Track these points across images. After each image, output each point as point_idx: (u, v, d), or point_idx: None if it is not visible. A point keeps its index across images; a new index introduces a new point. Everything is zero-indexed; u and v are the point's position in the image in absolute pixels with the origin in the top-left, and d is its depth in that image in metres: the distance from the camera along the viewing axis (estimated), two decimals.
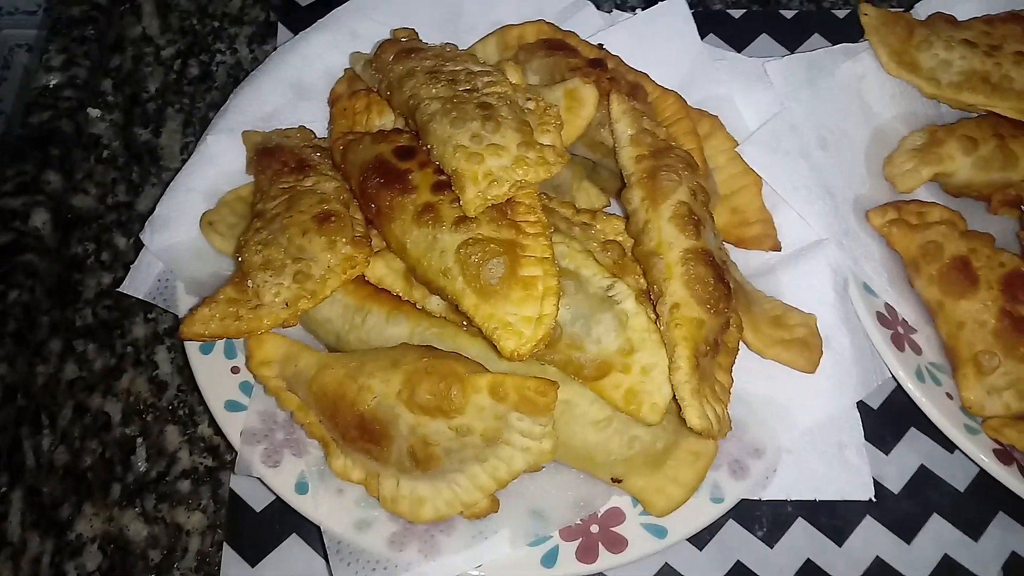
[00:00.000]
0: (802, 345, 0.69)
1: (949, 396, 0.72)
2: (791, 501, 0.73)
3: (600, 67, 0.78)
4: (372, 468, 0.63)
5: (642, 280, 0.67)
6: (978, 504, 0.75)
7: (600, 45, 0.82)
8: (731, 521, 0.72)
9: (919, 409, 0.71)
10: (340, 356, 0.64)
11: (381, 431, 0.60)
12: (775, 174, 0.79)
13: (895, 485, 0.76)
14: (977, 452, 0.69)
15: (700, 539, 0.71)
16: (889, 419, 0.78)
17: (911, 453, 0.77)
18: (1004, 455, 0.69)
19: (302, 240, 0.65)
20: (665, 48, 0.86)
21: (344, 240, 0.65)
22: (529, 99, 0.69)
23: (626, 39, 0.86)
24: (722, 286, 0.63)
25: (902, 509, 0.74)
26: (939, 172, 0.80)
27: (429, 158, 0.65)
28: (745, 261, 0.79)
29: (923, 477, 0.76)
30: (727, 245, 0.78)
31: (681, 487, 0.64)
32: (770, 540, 0.72)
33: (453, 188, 0.61)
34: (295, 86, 0.84)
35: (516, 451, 0.60)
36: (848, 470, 0.69)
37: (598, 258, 0.68)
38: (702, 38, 0.88)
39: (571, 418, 0.64)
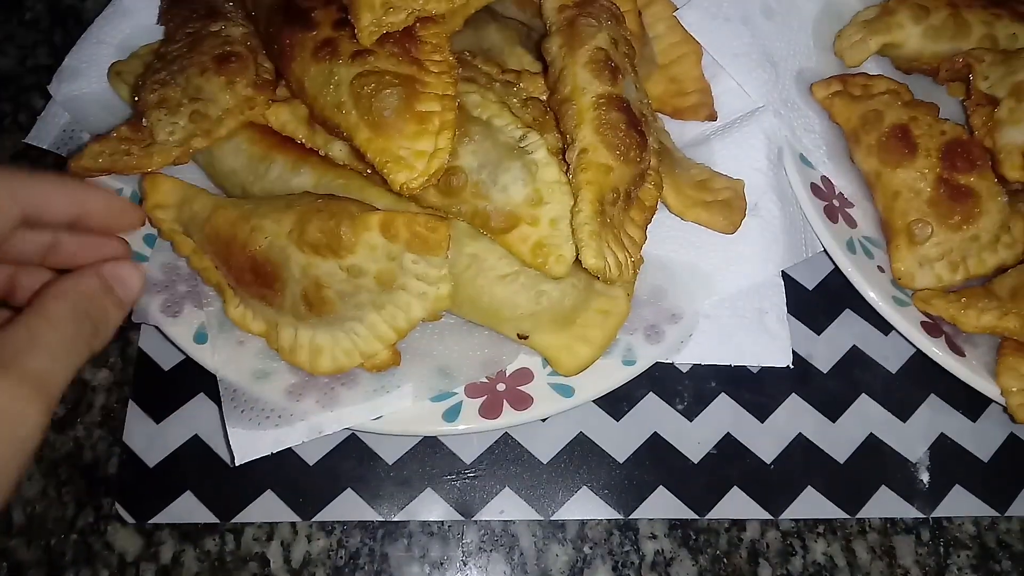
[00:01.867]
0: (724, 206, 0.66)
1: (881, 270, 0.70)
2: (715, 376, 0.71)
3: None
4: (270, 317, 0.60)
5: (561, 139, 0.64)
6: (909, 386, 0.73)
7: None
8: (651, 394, 0.71)
9: (854, 290, 0.69)
10: (236, 200, 0.62)
11: (273, 273, 0.58)
12: (714, 41, 0.75)
13: (824, 365, 0.74)
14: (904, 324, 0.66)
15: (617, 409, 0.70)
16: (823, 300, 0.76)
17: (844, 334, 0.75)
18: (933, 328, 0.67)
19: (200, 79, 0.62)
20: None
21: (244, 82, 0.62)
22: None
23: None
24: (635, 134, 0.60)
25: (829, 388, 0.72)
26: (888, 42, 0.76)
27: None
28: (681, 132, 0.75)
29: (854, 358, 0.74)
30: (663, 117, 0.76)
31: (589, 346, 0.62)
32: (690, 414, 0.70)
33: (350, 18, 0.58)
34: None
35: (413, 297, 0.58)
36: (768, 336, 0.66)
37: (519, 112, 0.65)
38: None
39: (478, 272, 0.61)
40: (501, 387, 0.63)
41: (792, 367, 0.68)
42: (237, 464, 0.58)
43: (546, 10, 0.67)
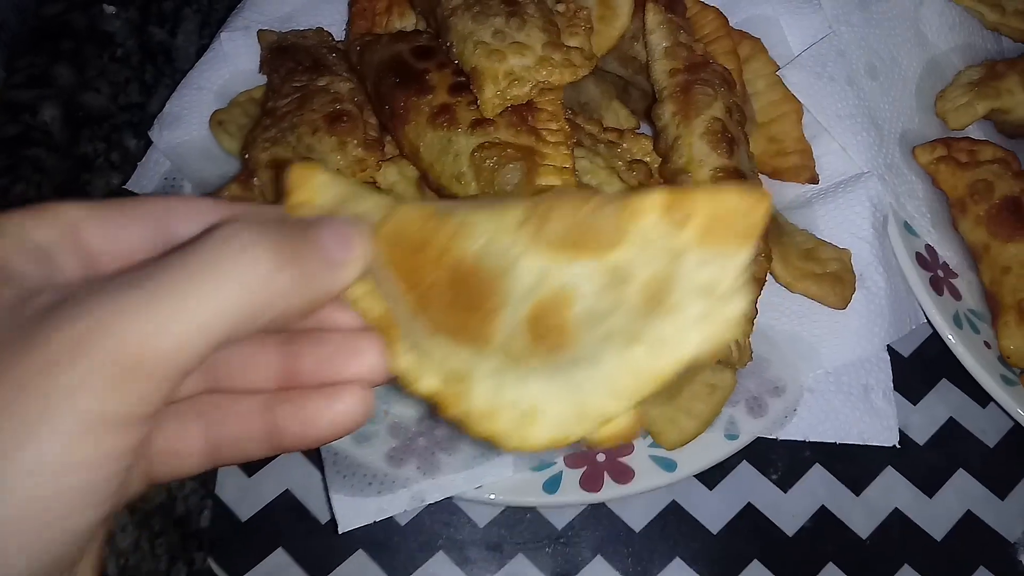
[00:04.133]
0: (834, 280, 0.65)
1: (987, 345, 0.68)
2: (809, 445, 0.69)
3: None
4: (460, 365, 0.37)
5: None
6: (1008, 461, 0.71)
7: None
8: (745, 462, 0.69)
9: (952, 360, 0.67)
10: (424, 201, 0.50)
11: (487, 288, 0.36)
12: (818, 101, 0.73)
13: (921, 437, 0.72)
14: (1012, 404, 0.65)
15: (711, 478, 0.69)
16: (920, 368, 0.74)
17: (940, 405, 0.73)
18: None
19: (312, 139, 0.61)
20: None
21: (355, 142, 0.62)
22: (560, 1, 0.64)
23: None
24: None
25: (926, 462, 0.71)
26: (996, 108, 0.74)
27: (448, 59, 0.61)
28: (781, 193, 0.74)
29: (951, 430, 0.72)
30: (763, 177, 0.74)
31: (694, 420, 0.61)
32: (784, 484, 0.69)
33: (472, 88, 0.57)
34: None
35: (688, 323, 0.33)
36: (873, 414, 0.65)
37: (623, 177, 0.64)
38: None
39: None
40: (601, 458, 0.62)
41: None
42: (341, 532, 0.58)
43: (656, 73, 0.66)
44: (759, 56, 0.77)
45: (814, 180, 0.73)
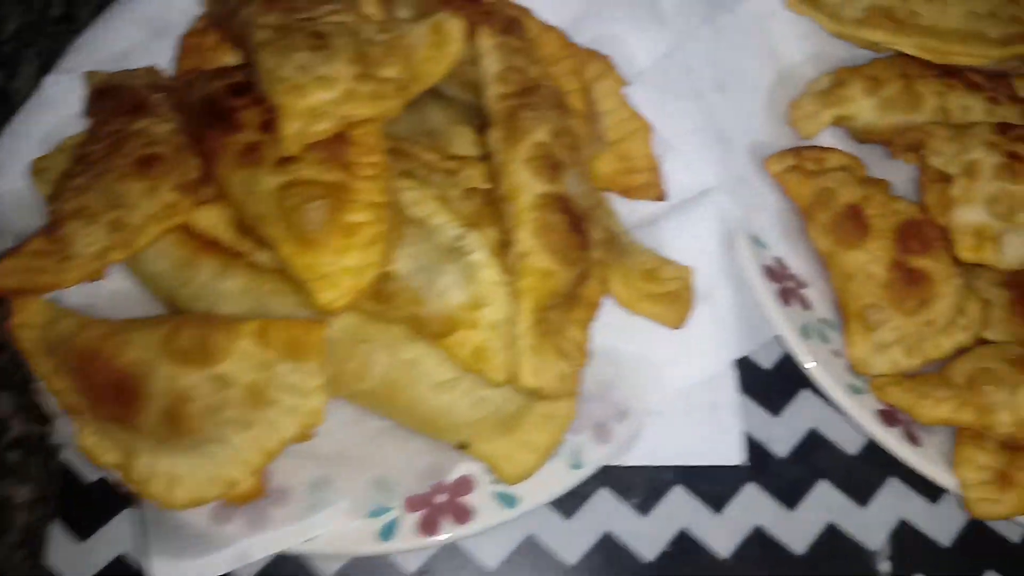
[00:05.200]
0: (671, 299, 0.64)
1: (838, 354, 0.68)
2: (671, 467, 0.69)
3: (474, 0, 0.72)
4: (128, 444, 0.55)
5: None
6: (869, 469, 0.70)
7: None
8: (603, 489, 0.68)
9: None
10: (109, 320, 0.59)
11: (135, 388, 0.54)
12: (664, 118, 0.73)
13: (783, 449, 0.71)
14: (859, 413, 0.65)
15: (568, 507, 0.67)
16: (781, 380, 0.73)
17: (802, 416, 0.72)
18: (889, 416, 0.65)
19: (120, 186, 0.59)
20: None
21: (168, 186, 0.59)
22: (382, 32, 0.63)
23: None
24: (577, 236, 0.58)
25: (788, 474, 0.70)
26: (841, 115, 0.74)
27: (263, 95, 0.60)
28: (631, 212, 0.73)
29: (813, 440, 0.71)
30: (612, 195, 0.74)
31: (534, 452, 0.60)
32: (645, 508, 0.68)
33: None
34: (152, 23, 0.77)
35: (283, 413, 0.54)
36: (720, 433, 0.64)
37: (458, 206, 0.63)
38: None
39: (414, 379, 0.59)
40: (442, 498, 0.60)
41: (748, 453, 0.66)
42: None
43: (487, 98, 0.65)
44: (608, 75, 0.76)
45: (661, 197, 0.73)
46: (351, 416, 0.62)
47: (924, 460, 0.63)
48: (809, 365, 0.66)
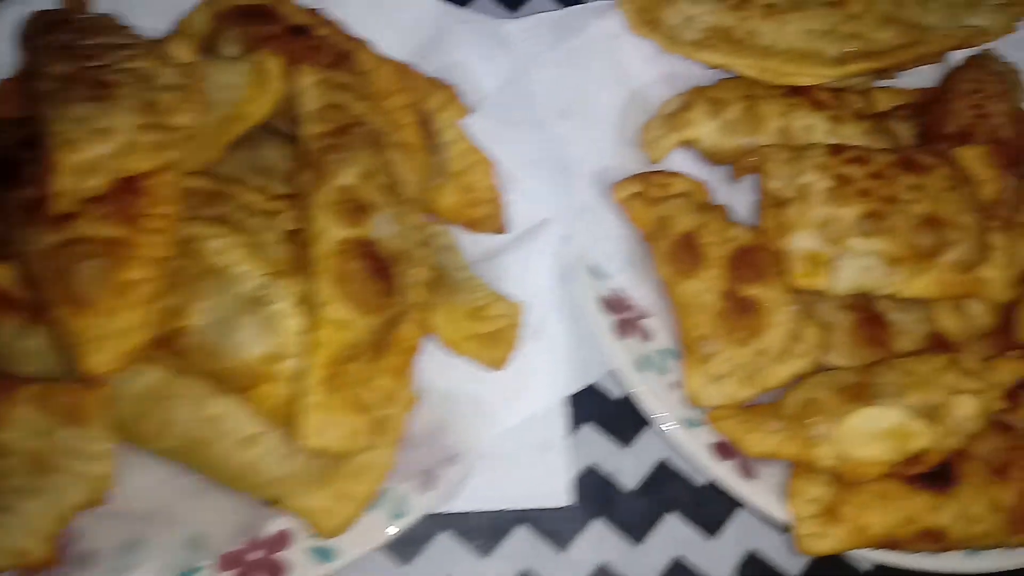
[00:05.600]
0: (494, 339, 0.63)
1: (677, 386, 0.66)
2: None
3: (302, 35, 0.70)
4: None
5: None
6: (718, 501, 0.69)
7: (314, 10, 0.74)
8: (443, 532, 0.66)
9: None
10: None
11: None
12: (504, 148, 0.71)
13: (631, 481, 0.70)
14: (692, 447, 0.63)
15: (406, 551, 0.65)
16: (631, 410, 0.71)
17: (652, 447, 0.71)
18: (725, 449, 0.64)
19: None
20: (404, 10, 0.79)
21: None
22: (182, 76, 0.61)
23: (357, 3, 0.78)
24: (380, 282, 0.57)
25: (635, 508, 0.69)
26: (686, 138, 0.73)
27: None
28: (476, 245, 0.72)
29: (662, 472, 0.70)
30: (457, 229, 0.72)
31: (350, 504, 0.58)
32: (485, 550, 0.66)
33: None
34: None
35: (70, 480, 0.53)
36: (549, 473, 0.63)
37: (272, 252, 0.61)
38: None
39: (219, 435, 0.57)
40: (256, 555, 0.58)
41: (595, 487, 0.65)
42: None
43: (302, 138, 0.63)
44: (451, 105, 0.75)
45: (501, 230, 0.71)
46: (166, 474, 0.60)
47: (758, 494, 0.62)
48: (641, 399, 0.65)
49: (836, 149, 0.66)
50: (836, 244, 0.64)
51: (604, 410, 0.71)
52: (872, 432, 0.58)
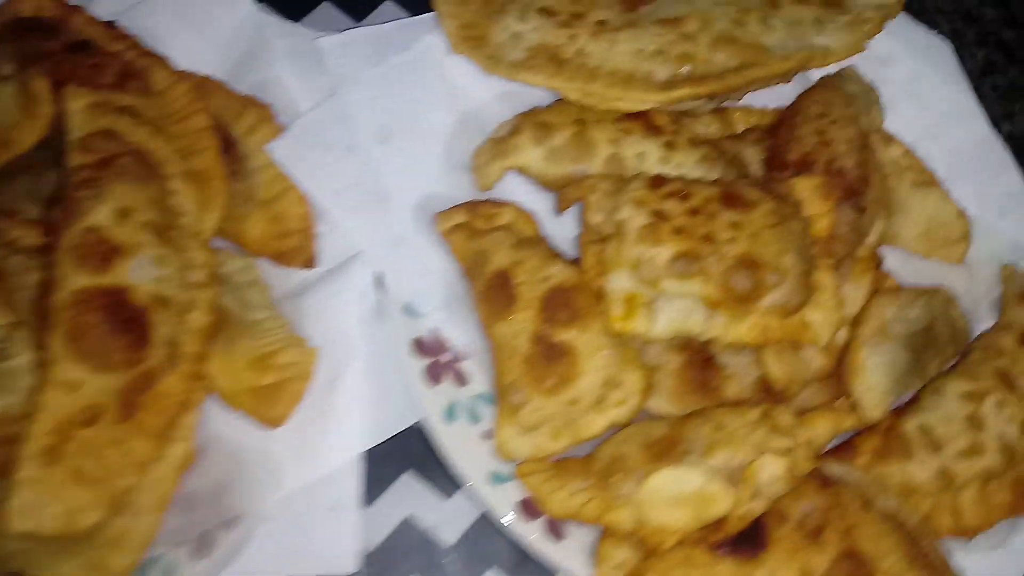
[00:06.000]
0: (275, 392, 0.58)
1: (490, 435, 0.62)
2: None
3: (83, 51, 0.64)
4: None
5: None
6: None
7: (111, 23, 0.68)
8: None
9: None
10: None
11: None
12: (311, 175, 0.66)
13: (452, 535, 0.65)
14: (497, 503, 0.59)
15: None
16: None
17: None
18: (531, 507, 0.60)
19: None
20: (220, 21, 0.73)
21: None
22: None
23: (167, 13, 0.72)
24: (128, 335, 0.51)
25: (454, 564, 0.64)
26: (513, 165, 0.68)
27: None
28: (285, 280, 0.67)
29: (484, 525, 0.66)
30: (264, 262, 0.67)
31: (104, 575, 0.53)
32: None
33: None
34: None
35: None
36: (335, 538, 0.58)
37: (24, 296, 0.55)
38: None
39: None
40: None
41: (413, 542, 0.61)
42: None
43: (63, 170, 0.57)
44: (264, 125, 0.69)
45: (309, 264, 0.66)
46: None
47: (564, 556, 0.58)
48: (446, 450, 0.60)
49: (656, 182, 0.61)
50: (651, 286, 0.59)
51: (427, 455, 0.66)
52: (672, 496, 0.54)
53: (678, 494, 0.54)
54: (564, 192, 0.65)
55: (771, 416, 0.56)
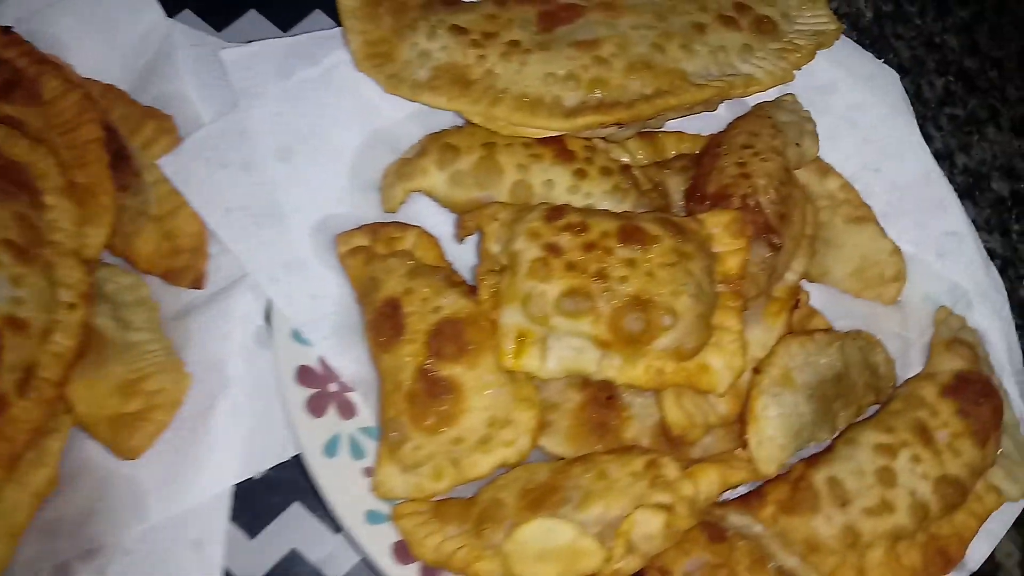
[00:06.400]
0: (137, 421, 0.55)
1: (371, 472, 0.59)
2: None
3: None
4: None
5: None
6: None
7: (7, 28, 0.66)
8: None
9: None
10: None
11: None
12: (201, 192, 0.63)
13: (339, 571, 0.63)
14: (372, 546, 0.56)
15: None
16: None
17: None
18: (405, 551, 0.57)
19: None
20: (127, 28, 0.70)
21: None
22: None
23: (73, 19, 0.69)
24: None
25: None
26: (418, 188, 0.65)
27: None
28: (175, 300, 0.64)
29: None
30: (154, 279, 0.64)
31: None
32: None
33: None
34: None
35: None
36: (198, 574, 0.56)
37: None
38: (175, 13, 0.72)
39: None
40: None
41: None
42: None
43: None
44: (164, 138, 0.67)
45: (198, 284, 0.63)
46: None
47: None
48: (321, 486, 0.57)
49: (553, 213, 0.58)
50: (541, 323, 0.56)
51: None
52: (540, 549, 0.51)
53: (547, 547, 0.51)
54: (463, 219, 0.62)
55: (656, 466, 0.53)
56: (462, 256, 0.66)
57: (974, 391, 0.60)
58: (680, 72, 0.64)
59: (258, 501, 0.63)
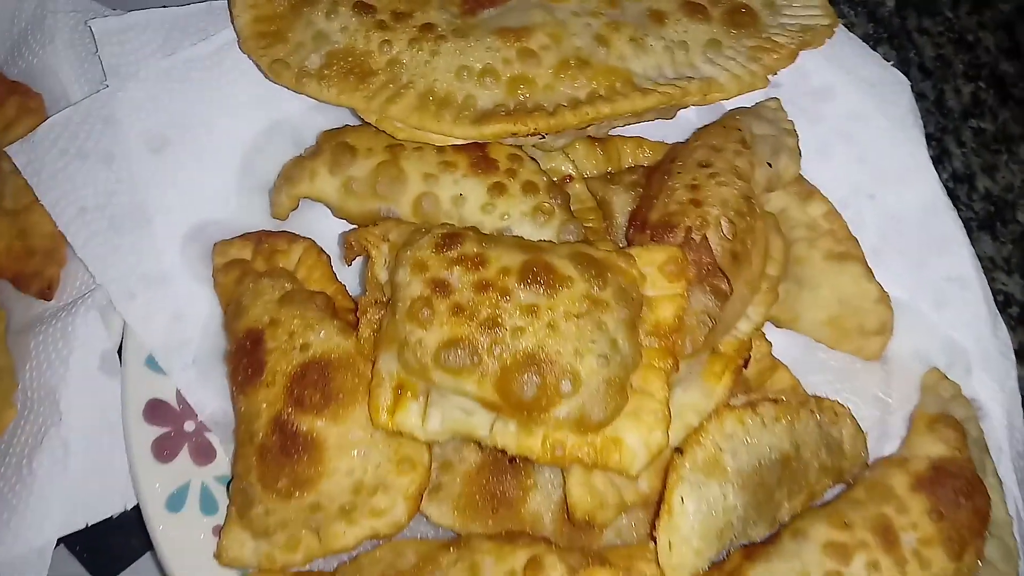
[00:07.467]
0: None
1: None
2: None
3: None
4: None
5: None
6: None
7: None
8: None
9: None
10: None
11: None
12: (53, 188, 0.54)
13: None
14: None
15: None
16: None
17: None
18: None
19: None
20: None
21: None
22: None
23: None
24: None
25: None
26: (307, 194, 0.55)
27: None
28: (27, 310, 0.56)
29: None
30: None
31: None
32: None
33: None
34: None
35: None
36: None
37: None
38: None
39: None
40: None
41: None
42: None
43: None
44: (29, 118, 0.58)
45: (45, 294, 0.55)
46: None
47: None
48: (159, 546, 0.49)
49: (448, 241, 0.47)
50: (420, 376, 0.46)
51: None
52: None
53: None
54: (348, 238, 0.51)
55: (539, 568, 0.43)
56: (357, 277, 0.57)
57: (953, 488, 0.49)
58: (623, 73, 0.52)
59: (113, 545, 0.56)
